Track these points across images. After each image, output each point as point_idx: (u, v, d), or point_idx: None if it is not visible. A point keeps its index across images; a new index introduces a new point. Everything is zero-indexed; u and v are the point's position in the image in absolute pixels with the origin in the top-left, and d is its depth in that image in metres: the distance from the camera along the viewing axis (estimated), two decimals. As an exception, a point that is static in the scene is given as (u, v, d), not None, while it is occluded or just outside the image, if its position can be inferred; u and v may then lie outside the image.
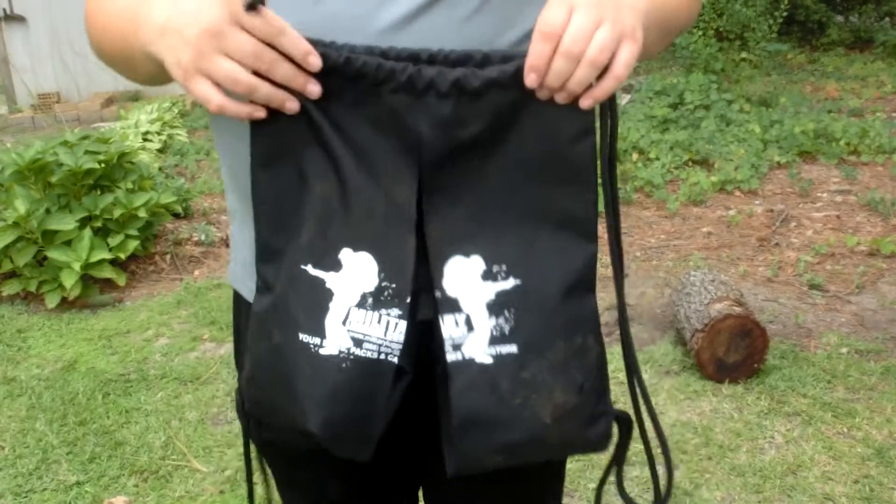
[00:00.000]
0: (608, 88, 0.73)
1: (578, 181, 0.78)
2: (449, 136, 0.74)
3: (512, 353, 0.78)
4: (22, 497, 2.20)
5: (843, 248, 3.66)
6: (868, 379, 2.58)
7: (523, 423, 0.78)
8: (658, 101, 6.08)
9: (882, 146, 5.05)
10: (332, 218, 0.75)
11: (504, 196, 0.77)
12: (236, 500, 2.15)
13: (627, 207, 4.40)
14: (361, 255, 0.76)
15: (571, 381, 0.79)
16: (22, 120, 8.29)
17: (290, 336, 0.76)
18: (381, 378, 0.77)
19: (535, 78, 0.71)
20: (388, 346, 0.76)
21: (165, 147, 6.25)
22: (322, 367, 0.75)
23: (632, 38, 0.72)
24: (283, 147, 0.76)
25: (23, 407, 2.67)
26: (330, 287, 0.76)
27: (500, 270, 0.78)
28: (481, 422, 0.77)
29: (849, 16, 9.92)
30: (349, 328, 0.75)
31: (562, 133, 0.76)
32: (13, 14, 8.89)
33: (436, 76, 0.72)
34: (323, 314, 0.75)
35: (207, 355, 2.99)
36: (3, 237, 3.36)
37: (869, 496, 2.04)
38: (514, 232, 0.78)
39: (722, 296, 2.69)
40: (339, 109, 0.74)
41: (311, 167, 0.76)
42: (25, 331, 3.26)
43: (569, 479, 2.16)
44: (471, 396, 0.77)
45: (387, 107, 0.73)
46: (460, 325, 0.77)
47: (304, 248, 0.76)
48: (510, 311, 0.78)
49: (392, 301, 0.76)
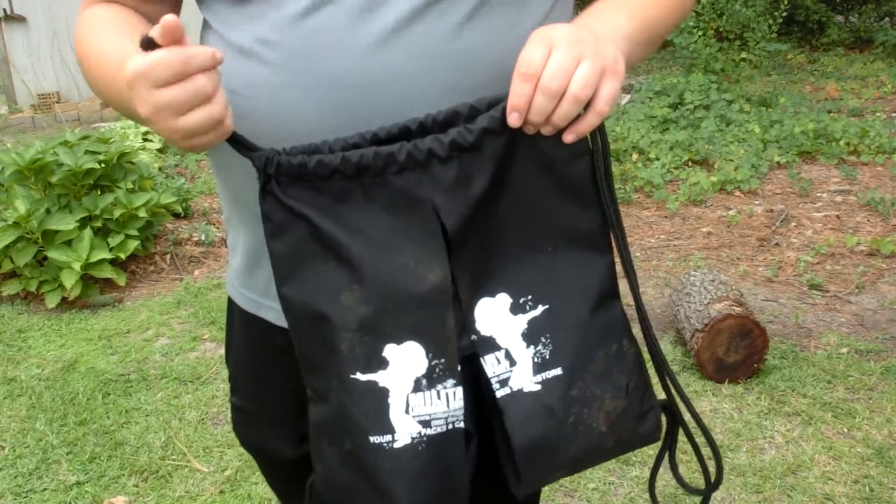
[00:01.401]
0: (591, 123, 0.74)
1: (581, 199, 0.80)
2: (462, 197, 0.74)
3: (557, 375, 0.80)
4: (22, 497, 2.20)
5: (842, 248, 3.66)
6: (868, 379, 2.58)
7: (581, 437, 0.81)
8: (658, 101, 6.08)
9: (882, 146, 5.05)
10: (366, 323, 0.75)
11: (516, 231, 0.78)
12: (236, 500, 2.15)
13: (627, 207, 4.40)
14: (406, 345, 0.76)
15: (617, 386, 0.83)
16: (22, 120, 8.29)
17: (361, 441, 0.77)
18: (455, 447, 0.78)
19: (517, 117, 0.72)
20: (454, 414, 0.78)
21: (165, 147, 6.25)
22: (400, 459, 0.76)
23: (613, 72, 0.73)
24: (300, 264, 0.76)
25: (23, 407, 2.67)
26: (384, 385, 0.76)
27: (527, 301, 0.79)
28: (543, 446, 0.80)
29: (849, 16, 9.92)
30: (413, 414, 0.76)
31: (557, 158, 0.77)
32: (13, 14, 8.89)
33: (433, 144, 0.72)
34: (386, 412, 0.76)
35: (207, 355, 2.99)
36: (4, 237, 3.36)
37: (869, 496, 2.04)
38: (532, 261, 0.79)
39: (722, 296, 2.70)
40: (353, 212, 0.74)
41: (332, 280, 0.75)
42: (25, 331, 3.26)
43: (569, 479, 2.16)
44: (528, 426, 0.79)
45: (396, 190, 0.73)
46: (502, 361, 0.79)
47: (348, 359, 0.76)
48: (546, 336, 0.80)
49: (445, 375, 0.77)
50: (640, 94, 6.44)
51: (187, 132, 0.69)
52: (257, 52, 0.77)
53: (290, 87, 0.76)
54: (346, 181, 0.73)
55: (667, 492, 2.09)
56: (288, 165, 0.72)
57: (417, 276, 0.74)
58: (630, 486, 2.12)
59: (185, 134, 0.69)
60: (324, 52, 0.75)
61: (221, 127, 0.71)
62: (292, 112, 0.77)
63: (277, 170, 0.73)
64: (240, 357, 1.04)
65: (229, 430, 2.47)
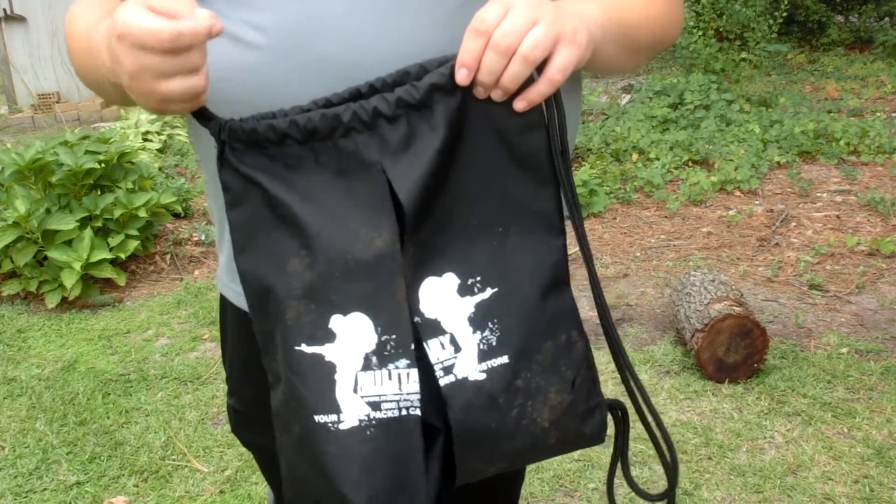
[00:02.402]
0: (542, 91, 0.72)
1: (535, 176, 0.76)
2: (411, 158, 0.71)
3: (504, 363, 0.76)
4: (22, 497, 2.20)
5: (843, 248, 3.66)
6: (868, 379, 2.58)
7: (523, 431, 0.77)
8: (658, 101, 6.08)
9: (882, 146, 5.05)
10: (311, 291, 0.73)
11: (467, 205, 0.75)
12: (236, 500, 2.15)
13: (627, 207, 4.40)
14: (352, 316, 0.73)
15: (563, 379, 0.78)
16: (22, 120, 8.29)
17: (306, 422, 0.73)
18: (410, 435, 0.74)
19: (465, 74, 0.70)
20: (407, 398, 0.73)
21: (165, 147, 6.25)
22: (347, 443, 0.72)
23: (570, 41, 0.71)
24: (255, 233, 0.75)
25: (23, 407, 2.67)
26: (330, 360, 0.73)
27: (476, 282, 0.75)
28: (483, 438, 0.76)
29: (849, 16, 9.91)
30: (362, 394, 0.73)
31: (510, 129, 0.74)
32: (13, 14, 8.89)
33: (378, 103, 0.70)
34: (332, 389, 0.72)
35: (207, 355, 2.99)
36: (4, 237, 3.36)
37: (869, 496, 2.04)
38: (482, 240, 0.76)
39: (722, 296, 2.70)
40: (305, 178, 0.73)
41: (281, 247, 0.73)
42: (25, 331, 3.26)
43: (569, 479, 2.16)
44: (471, 417, 0.75)
45: (345, 153, 0.72)
46: (446, 346, 0.75)
47: (293, 329, 0.73)
48: (493, 321, 0.76)
49: (397, 353, 0.73)
50: (640, 94, 6.44)
51: (164, 98, 0.68)
52: (247, 37, 0.77)
53: (280, 72, 0.76)
54: (298, 147, 0.72)
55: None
56: (240, 131, 0.72)
57: (365, 242, 0.72)
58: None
59: (161, 98, 0.68)
60: (314, 35, 0.74)
61: (198, 99, 0.71)
62: (283, 97, 0.76)
63: (230, 136, 0.73)
64: (234, 358, 1.04)
65: (229, 430, 2.47)
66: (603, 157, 5.04)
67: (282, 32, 0.75)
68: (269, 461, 1.08)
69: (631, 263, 3.67)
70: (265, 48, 0.76)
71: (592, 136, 5.32)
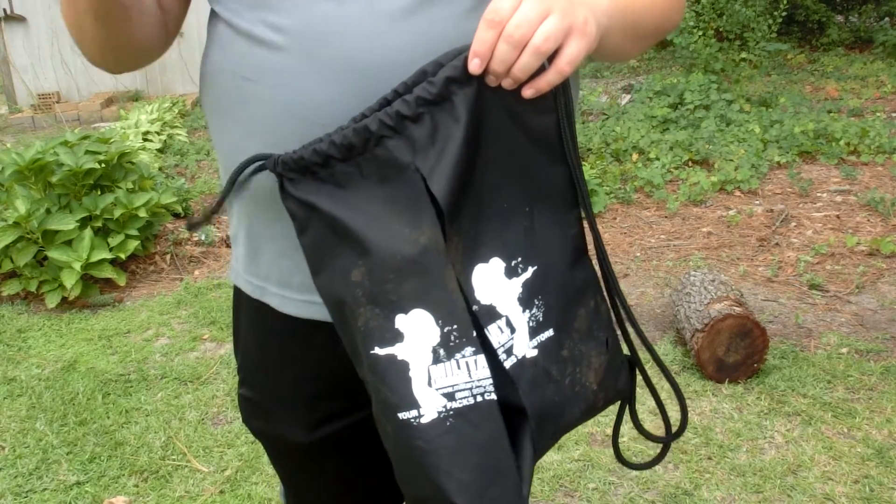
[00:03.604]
0: (550, 81, 0.74)
1: (550, 154, 0.79)
2: (439, 153, 0.74)
3: (550, 336, 0.80)
4: (22, 497, 2.20)
5: (843, 248, 3.66)
6: (868, 379, 2.58)
7: (578, 397, 0.82)
8: (658, 101, 6.08)
9: (882, 146, 5.05)
10: (373, 296, 0.76)
11: (497, 190, 0.78)
12: (236, 500, 2.15)
13: (627, 207, 4.40)
14: (414, 314, 0.75)
15: (599, 342, 0.83)
16: (22, 120, 8.29)
17: (394, 421, 0.76)
18: (490, 420, 0.75)
19: (478, 63, 0.71)
20: (479, 385, 0.75)
21: (165, 147, 6.25)
22: (431, 436, 0.74)
23: (581, 32, 0.72)
24: (323, 253, 0.78)
25: (23, 407, 2.67)
26: (403, 358, 0.75)
27: (518, 263, 0.79)
28: (551, 412, 0.80)
29: (849, 16, 9.91)
30: (436, 387, 0.75)
31: (523, 111, 0.76)
32: (13, 14, 8.88)
33: (400, 106, 0.73)
34: (409, 386, 0.75)
35: (207, 355, 2.99)
36: (4, 237, 3.36)
37: (869, 496, 2.04)
38: (516, 221, 0.79)
39: (722, 296, 2.70)
40: (354, 193, 0.76)
41: (344, 261, 0.77)
42: (25, 331, 3.26)
43: (569, 479, 2.16)
44: (536, 393, 0.78)
45: (382, 161, 0.74)
46: (504, 329, 0.77)
47: (365, 335, 0.76)
48: (538, 298, 0.79)
49: (461, 342, 0.75)
50: (640, 94, 6.44)
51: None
52: (267, 38, 0.78)
53: (303, 72, 0.77)
54: (342, 164, 0.75)
55: (667, 492, 2.09)
56: (291, 161, 0.76)
57: (411, 241, 0.74)
58: (630, 485, 2.12)
59: None
60: (333, 35, 0.75)
61: None
62: (303, 96, 0.78)
63: (284, 168, 0.76)
64: (248, 347, 1.05)
65: (229, 429, 2.48)
66: (603, 157, 5.04)
67: (301, 33, 0.76)
68: (279, 451, 1.09)
69: (631, 263, 3.67)
70: (286, 49, 0.77)
71: (592, 136, 5.31)
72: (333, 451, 1.03)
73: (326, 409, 1.00)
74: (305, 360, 0.97)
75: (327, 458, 1.04)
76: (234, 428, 2.48)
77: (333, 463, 1.04)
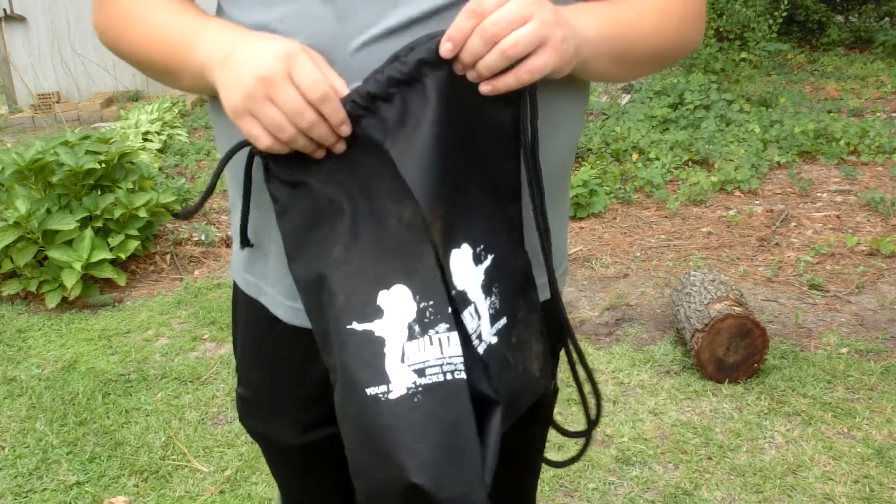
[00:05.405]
0: (508, 84, 0.74)
1: (504, 148, 0.80)
2: (409, 133, 0.74)
3: (504, 324, 0.81)
4: (22, 497, 2.20)
5: (843, 248, 3.66)
6: (868, 379, 2.58)
7: (529, 384, 0.82)
8: (658, 101, 6.08)
9: (882, 146, 5.05)
10: (357, 271, 0.75)
11: (465, 176, 0.78)
12: (236, 500, 2.15)
13: (627, 207, 4.40)
14: (395, 289, 0.75)
15: (536, 330, 0.84)
16: (22, 120, 8.29)
17: (359, 400, 0.74)
18: (458, 399, 0.74)
19: (450, 48, 0.72)
20: (450, 362, 0.74)
21: (165, 147, 6.25)
22: (397, 412, 0.73)
23: (554, 49, 0.72)
24: (304, 235, 0.78)
25: (23, 407, 2.67)
26: (379, 335, 0.74)
27: (482, 250, 0.79)
28: (514, 397, 0.80)
29: (849, 16, 9.91)
30: (408, 363, 0.74)
31: (486, 102, 0.76)
32: (13, 14, 8.88)
33: (371, 86, 0.73)
34: (381, 361, 0.74)
35: (207, 355, 2.99)
36: (4, 237, 3.36)
37: (869, 496, 2.04)
38: (478, 209, 0.79)
39: (722, 296, 2.70)
40: (341, 169, 0.76)
41: (328, 239, 0.77)
42: (25, 331, 3.26)
43: (569, 479, 2.16)
44: (504, 379, 0.79)
45: (363, 141, 0.75)
46: (473, 315, 0.78)
47: (345, 309, 0.75)
48: (495, 286, 0.80)
49: (436, 318, 0.75)
50: (640, 94, 6.44)
51: (256, 141, 0.74)
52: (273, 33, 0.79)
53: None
54: None
55: (667, 492, 2.09)
56: None
57: (395, 216, 0.75)
58: (630, 485, 2.12)
59: (251, 138, 0.74)
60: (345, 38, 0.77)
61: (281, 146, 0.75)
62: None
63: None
64: (245, 345, 1.06)
65: (229, 429, 2.48)
66: (603, 157, 5.04)
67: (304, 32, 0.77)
68: (276, 454, 1.09)
69: (631, 263, 3.67)
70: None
71: (592, 136, 5.32)
72: (326, 455, 1.03)
73: (318, 413, 0.99)
74: (296, 363, 0.97)
75: (319, 461, 1.04)
76: (234, 428, 2.48)
77: (326, 467, 1.04)
